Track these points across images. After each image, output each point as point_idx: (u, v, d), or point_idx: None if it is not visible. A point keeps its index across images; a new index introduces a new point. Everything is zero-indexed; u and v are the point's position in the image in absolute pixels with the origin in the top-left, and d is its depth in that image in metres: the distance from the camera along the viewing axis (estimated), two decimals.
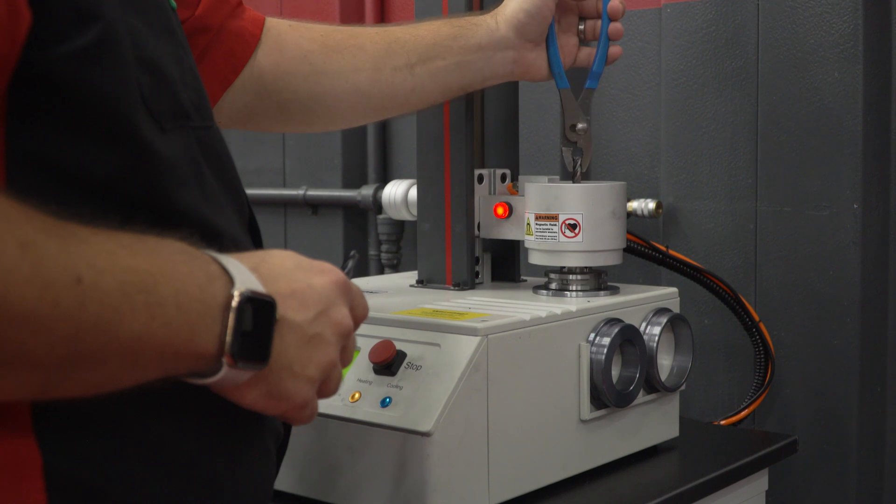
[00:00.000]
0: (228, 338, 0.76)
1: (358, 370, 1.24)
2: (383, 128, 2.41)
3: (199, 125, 0.89)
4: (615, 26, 1.48)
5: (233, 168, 0.97)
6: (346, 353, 0.89)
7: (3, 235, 0.63)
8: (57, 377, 0.68)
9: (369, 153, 2.41)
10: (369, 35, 1.38)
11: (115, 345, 0.69)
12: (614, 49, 1.51)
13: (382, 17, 2.40)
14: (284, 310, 0.81)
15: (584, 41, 1.50)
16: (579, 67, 1.50)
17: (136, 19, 0.82)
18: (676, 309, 1.48)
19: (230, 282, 0.77)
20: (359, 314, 0.91)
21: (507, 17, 1.40)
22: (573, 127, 1.47)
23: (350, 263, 1.02)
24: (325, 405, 1.22)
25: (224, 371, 0.76)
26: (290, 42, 1.34)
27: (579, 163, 1.47)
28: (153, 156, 0.80)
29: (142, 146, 0.79)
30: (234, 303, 0.76)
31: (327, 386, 0.88)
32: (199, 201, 0.85)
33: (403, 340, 1.24)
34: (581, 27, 1.49)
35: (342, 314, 0.87)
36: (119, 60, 0.78)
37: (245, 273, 0.79)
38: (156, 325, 0.71)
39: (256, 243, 1.00)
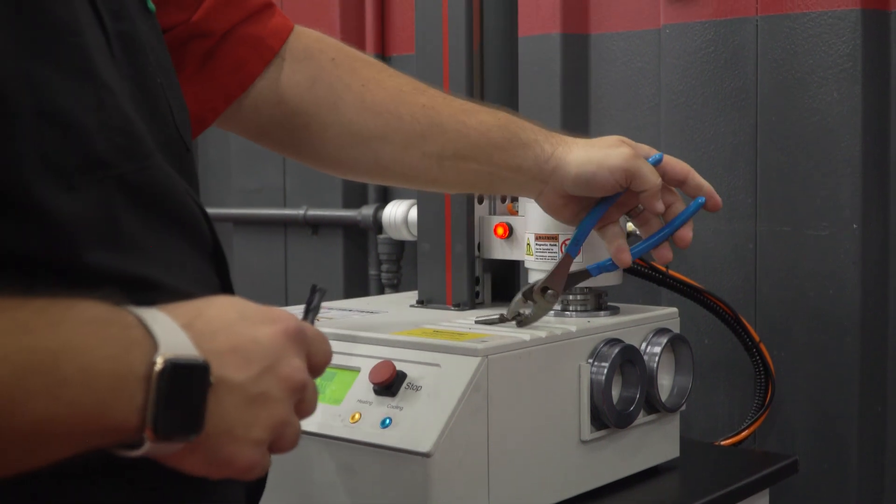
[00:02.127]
0: (149, 411, 0.68)
1: (358, 391, 1.24)
2: None
3: (130, 168, 0.80)
4: (683, 234, 1.32)
5: (184, 200, 0.87)
6: (303, 406, 0.82)
7: None
8: None
9: None
10: (413, 108, 1.22)
11: (15, 432, 0.63)
12: (663, 252, 1.32)
13: (382, 15, 2.40)
14: (222, 369, 0.73)
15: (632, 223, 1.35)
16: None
17: (40, 64, 0.74)
18: (676, 329, 1.48)
19: (154, 346, 0.69)
20: (318, 361, 0.84)
21: (563, 164, 1.25)
22: (544, 290, 1.31)
23: (316, 298, 0.94)
24: (326, 426, 1.22)
25: (147, 446, 0.69)
26: (324, 78, 1.21)
27: (523, 321, 1.32)
28: (53, 218, 0.73)
29: (38, 210, 0.72)
30: (156, 371, 0.68)
31: (281, 443, 0.80)
32: (116, 257, 0.78)
33: (404, 361, 1.24)
34: (640, 208, 1.31)
35: (293, 367, 0.79)
36: (6, 118, 0.71)
37: (174, 333, 0.71)
38: (59, 406, 0.65)
39: (221, 272, 0.93)
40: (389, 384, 1.21)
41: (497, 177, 1.26)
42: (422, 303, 1.55)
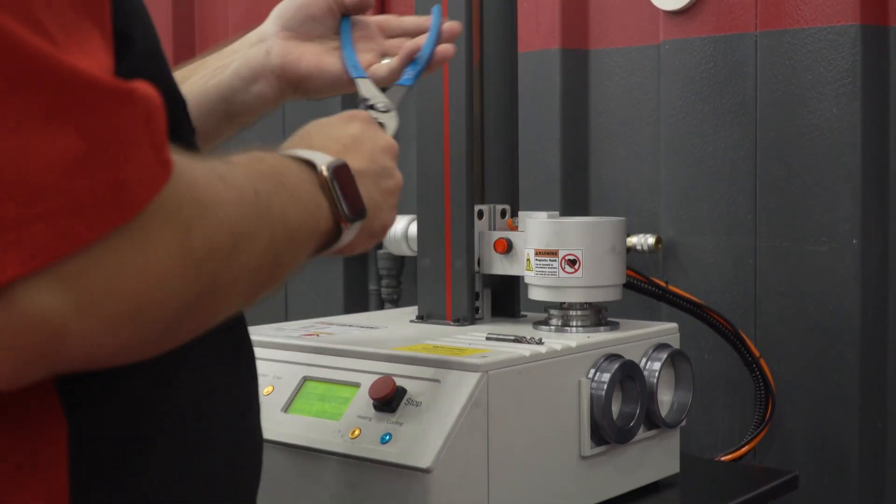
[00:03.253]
0: (342, 206, 0.85)
1: (358, 406, 1.24)
2: None
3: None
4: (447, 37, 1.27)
5: None
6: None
7: (208, 175, 0.69)
8: (263, 280, 0.76)
9: None
10: None
11: (289, 235, 0.78)
12: (445, 47, 1.26)
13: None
14: (351, 164, 0.88)
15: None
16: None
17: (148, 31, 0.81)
18: (676, 344, 1.48)
19: (309, 162, 0.84)
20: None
21: (271, 16, 1.25)
22: (370, 107, 1.20)
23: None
24: (326, 442, 1.22)
25: (344, 235, 0.87)
26: None
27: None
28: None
29: None
30: (328, 176, 0.84)
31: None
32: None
33: (404, 376, 1.24)
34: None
35: (385, 139, 1.00)
36: (165, 81, 0.79)
37: (311, 152, 0.86)
38: (301, 210, 0.80)
39: None
40: (389, 400, 1.21)
41: (220, 71, 1.22)
42: (422, 318, 1.55)
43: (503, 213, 1.57)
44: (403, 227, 2.10)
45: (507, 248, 1.50)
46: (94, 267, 0.61)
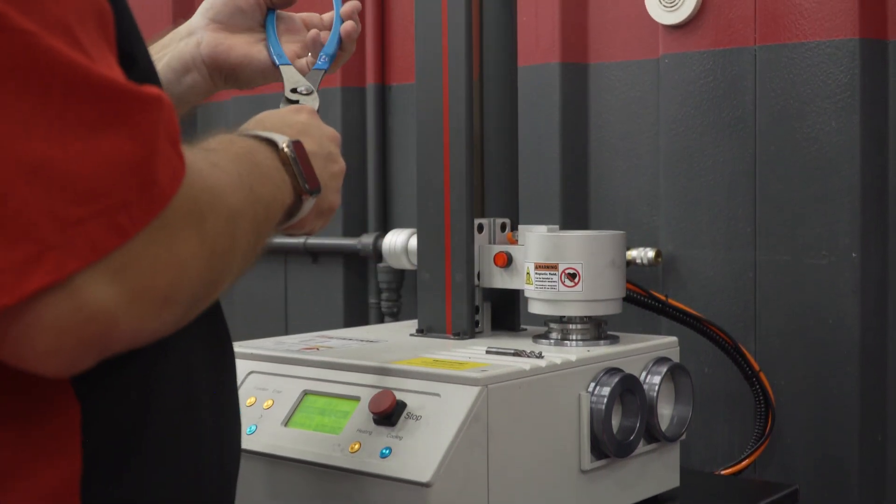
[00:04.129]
0: (299, 180, 0.91)
1: (358, 420, 1.24)
2: (383, 176, 2.42)
3: None
4: (348, 25, 1.34)
5: None
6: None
7: (206, 164, 0.74)
8: (249, 255, 0.82)
9: (369, 202, 2.41)
10: None
11: (266, 214, 0.84)
12: (348, 24, 1.34)
13: (383, 44, 2.41)
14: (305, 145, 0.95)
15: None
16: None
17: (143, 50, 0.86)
18: (676, 358, 1.48)
19: (268, 139, 0.90)
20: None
21: (198, 10, 1.31)
22: (295, 90, 1.26)
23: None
24: (326, 456, 1.22)
25: (305, 205, 0.93)
26: None
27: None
28: None
29: None
30: (289, 153, 0.90)
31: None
32: None
33: (403, 390, 1.24)
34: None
35: (329, 129, 1.05)
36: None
37: (270, 133, 0.92)
38: (272, 188, 0.87)
39: None
40: (389, 414, 1.21)
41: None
42: (421, 331, 1.55)
43: (503, 227, 1.57)
44: (403, 241, 2.10)
45: (507, 261, 1.50)
46: (136, 258, 0.67)
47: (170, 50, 1.29)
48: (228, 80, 1.31)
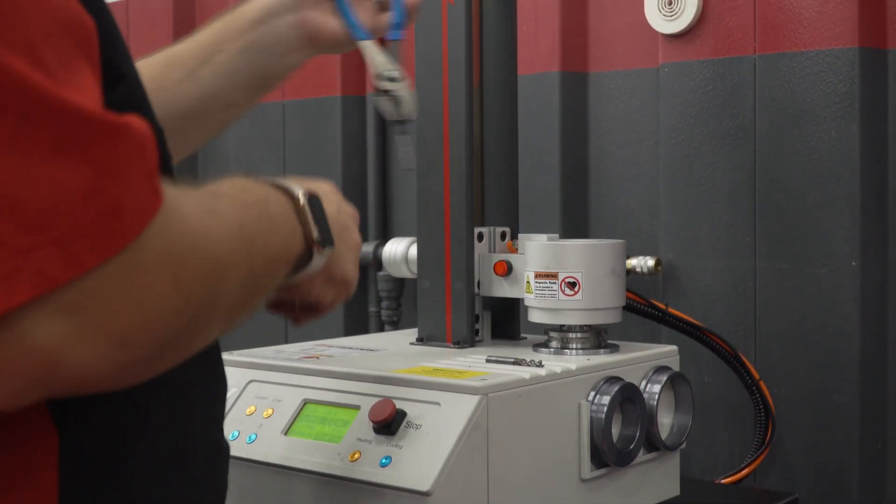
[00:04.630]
0: (312, 230, 0.89)
1: (358, 429, 1.24)
2: (383, 185, 2.42)
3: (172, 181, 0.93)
4: None
5: None
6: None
7: (199, 208, 0.72)
8: (239, 308, 0.78)
9: (369, 210, 2.41)
10: (146, 63, 1.23)
11: (266, 264, 0.82)
12: None
13: None
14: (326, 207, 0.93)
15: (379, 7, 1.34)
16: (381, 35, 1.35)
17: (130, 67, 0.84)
18: (676, 367, 1.48)
19: (286, 189, 0.89)
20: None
21: None
22: (380, 76, 1.30)
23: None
24: (325, 465, 1.22)
25: (315, 258, 0.90)
26: None
27: (400, 108, 1.31)
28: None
29: None
30: (303, 201, 0.88)
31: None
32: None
33: (403, 399, 1.24)
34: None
35: (349, 207, 1.04)
36: (147, 115, 0.81)
37: (289, 183, 0.90)
38: (280, 240, 0.84)
39: None
40: (389, 423, 1.21)
41: (248, 47, 1.26)
42: (421, 340, 1.55)
43: (503, 236, 1.57)
44: (403, 250, 2.10)
45: (507, 270, 1.50)
46: (92, 294, 0.62)
47: (266, 30, 1.26)
48: (319, 52, 1.32)
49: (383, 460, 1.19)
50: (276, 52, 1.27)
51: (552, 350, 1.45)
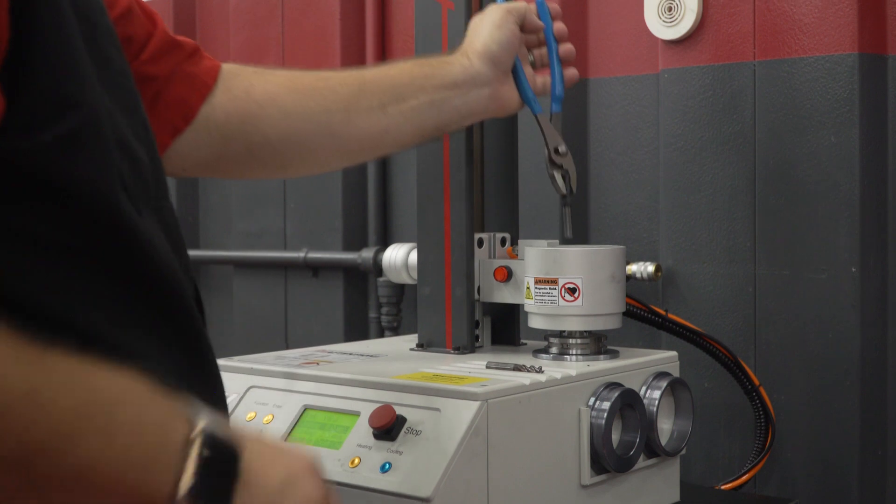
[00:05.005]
0: (187, 477, 0.68)
1: (358, 435, 1.24)
2: (384, 190, 2.42)
3: (163, 204, 0.90)
4: (566, 47, 1.48)
5: (182, 237, 0.95)
6: None
7: (11, 377, 0.61)
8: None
9: (370, 216, 2.42)
10: (339, 77, 1.34)
11: (66, 469, 0.64)
12: (571, 72, 1.50)
13: (384, 57, 2.41)
14: (251, 464, 0.73)
15: (536, 70, 1.48)
16: (541, 96, 1.48)
17: (109, 97, 0.81)
18: (676, 373, 1.48)
19: (194, 421, 0.71)
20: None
21: (480, 52, 1.37)
22: (556, 150, 1.47)
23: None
24: (326, 471, 1.22)
25: None
26: (257, 86, 1.30)
27: (569, 182, 1.48)
28: (134, 235, 0.80)
29: (123, 227, 0.79)
30: (197, 440, 0.69)
31: None
32: (179, 273, 0.87)
33: (403, 405, 1.24)
34: (531, 58, 1.47)
35: (313, 486, 0.79)
36: (102, 146, 0.78)
37: (214, 418, 0.72)
38: (112, 450, 0.66)
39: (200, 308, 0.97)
40: (389, 428, 1.21)
41: (440, 103, 1.35)
42: (421, 346, 1.55)
43: (503, 242, 1.57)
44: (403, 255, 2.10)
45: (507, 276, 1.50)
46: None
47: (461, 95, 1.36)
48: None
49: (383, 466, 1.19)
50: (463, 114, 1.38)
51: (552, 356, 1.45)
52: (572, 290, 1.41)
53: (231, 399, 1.34)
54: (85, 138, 0.76)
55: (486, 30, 1.39)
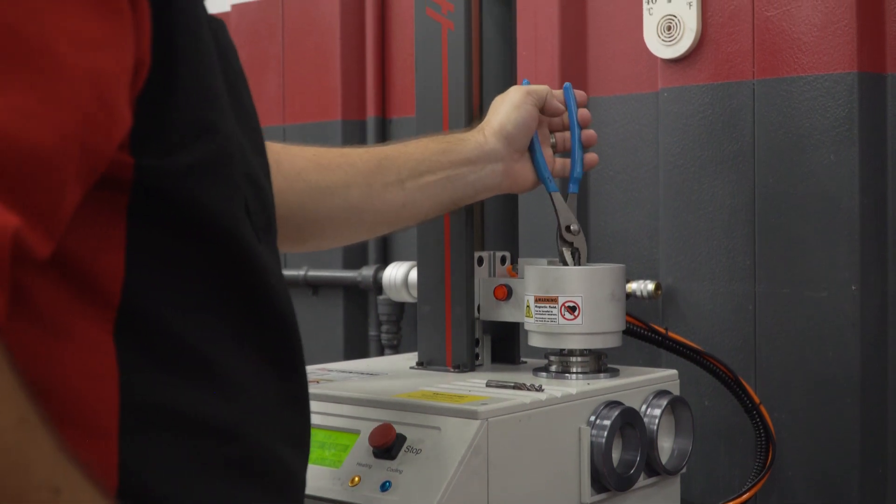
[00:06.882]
0: None
1: (358, 454, 1.24)
2: None
3: (272, 238, 0.92)
4: (588, 133, 1.56)
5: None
6: None
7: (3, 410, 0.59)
8: None
9: None
10: (359, 153, 1.40)
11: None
12: (590, 156, 1.57)
13: (383, 78, 2.42)
14: None
15: (556, 153, 1.56)
16: (558, 177, 1.55)
17: (244, 137, 0.85)
18: (676, 391, 1.48)
19: None
20: None
21: (495, 130, 1.45)
22: (568, 228, 1.51)
23: None
24: (326, 489, 1.22)
25: None
26: (284, 160, 1.32)
27: (578, 260, 1.50)
28: (254, 260, 0.83)
29: (244, 251, 0.82)
30: None
31: None
32: (289, 306, 0.88)
33: (403, 424, 1.24)
34: (552, 140, 1.55)
35: None
36: (231, 176, 0.81)
37: None
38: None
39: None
40: (389, 447, 1.21)
41: (455, 179, 1.42)
42: (421, 364, 1.55)
43: (503, 260, 1.57)
44: (403, 274, 2.10)
45: (507, 294, 1.50)
46: None
47: (464, 170, 1.42)
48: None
49: (383, 485, 1.19)
50: (477, 188, 1.45)
51: (552, 374, 1.45)
52: (572, 309, 1.41)
53: None
54: (219, 162, 0.79)
55: (504, 109, 1.47)
